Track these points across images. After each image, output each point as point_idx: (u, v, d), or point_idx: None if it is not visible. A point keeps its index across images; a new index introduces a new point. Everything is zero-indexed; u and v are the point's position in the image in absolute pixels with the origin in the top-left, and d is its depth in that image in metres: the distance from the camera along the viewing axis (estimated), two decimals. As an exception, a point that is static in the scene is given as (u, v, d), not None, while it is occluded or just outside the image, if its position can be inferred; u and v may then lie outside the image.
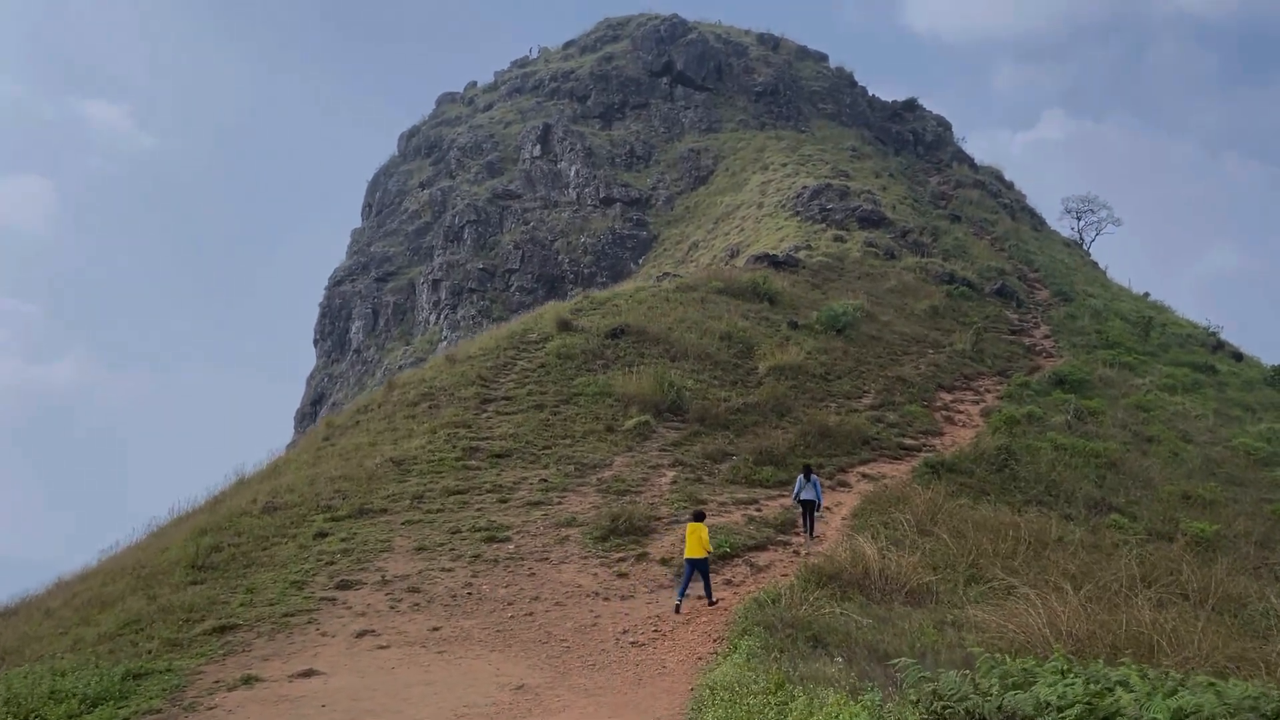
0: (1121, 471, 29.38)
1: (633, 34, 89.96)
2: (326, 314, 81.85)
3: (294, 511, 17.70)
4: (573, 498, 18.77)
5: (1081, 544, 20.03)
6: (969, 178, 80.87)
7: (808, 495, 18.11)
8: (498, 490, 18.84)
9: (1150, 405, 39.24)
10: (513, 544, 16.11)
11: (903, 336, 40.01)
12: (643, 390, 24.74)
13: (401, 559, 15.32)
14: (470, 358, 27.35)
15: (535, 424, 22.60)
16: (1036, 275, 61.74)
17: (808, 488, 18.10)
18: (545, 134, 79.18)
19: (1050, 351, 46.20)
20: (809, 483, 18.13)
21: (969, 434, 30.10)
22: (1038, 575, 16.83)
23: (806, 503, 18.15)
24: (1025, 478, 25.65)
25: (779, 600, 12.78)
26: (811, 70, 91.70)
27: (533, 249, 71.06)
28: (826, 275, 48.15)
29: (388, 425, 23.10)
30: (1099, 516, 24.89)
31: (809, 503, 18.12)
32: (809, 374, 30.20)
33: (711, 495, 19.56)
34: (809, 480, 18.18)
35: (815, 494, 18.16)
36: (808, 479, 18.19)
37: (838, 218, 60.21)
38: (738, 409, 25.61)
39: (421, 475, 19.46)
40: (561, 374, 26.00)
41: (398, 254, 79.96)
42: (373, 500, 18.10)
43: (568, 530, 16.80)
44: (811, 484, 18.15)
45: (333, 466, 20.36)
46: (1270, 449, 36.64)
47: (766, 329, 34.20)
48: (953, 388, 35.28)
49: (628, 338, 29.09)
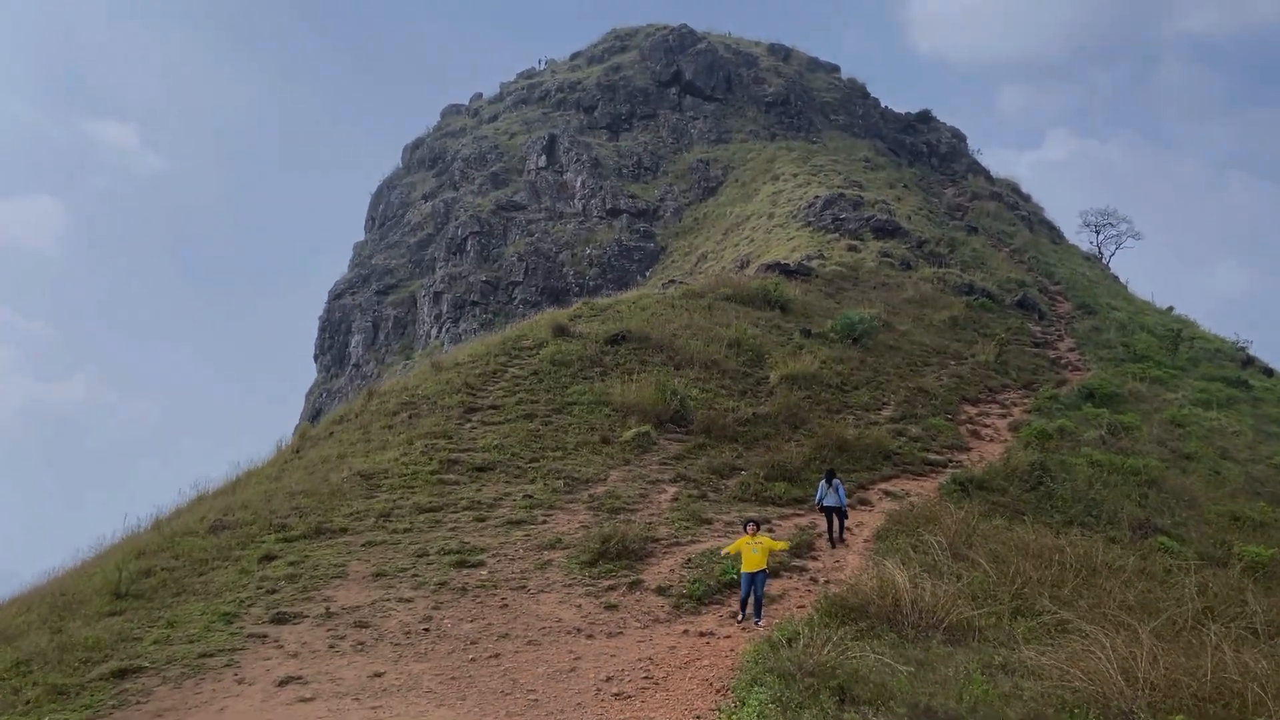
0: (1164, 490, 27.15)
1: (641, 44, 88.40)
2: (326, 328, 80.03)
3: (243, 531, 15.62)
4: (560, 516, 16.61)
5: (1132, 570, 17.83)
6: (985, 190, 78.90)
7: (830, 501, 17.11)
8: (475, 507, 16.70)
9: (1185, 421, 37.14)
10: (486, 569, 13.95)
11: (922, 347, 37.85)
12: (643, 399, 22.64)
13: (354, 587, 13.19)
14: (458, 365, 25.29)
15: (523, 435, 20.48)
16: (1058, 288, 59.93)
17: (830, 493, 17.10)
18: (551, 145, 77.48)
19: (1076, 365, 44.20)
20: (831, 487, 17.12)
21: (997, 449, 27.92)
22: (1092, 607, 14.65)
23: (830, 509, 17.16)
24: (1063, 496, 23.45)
25: (796, 640, 10.60)
26: (823, 81, 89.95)
27: (537, 261, 69.16)
28: (840, 285, 46.08)
29: (362, 436, 21.03)
30: (1144, 539, 22.72)
31: (833, 509, 17.13)
32: (824, 384, 28.05)
33: (718, 514, 17.39)
34: (831, 484, 17.16)
35: (839, 499, 17.14)
36: (829, 483, 17.17)
37: (851, 227, 58.25)
38: (747, 420, 23.47)
39: (391, 490, 17.35)
40: (555, 382, 23.91)
41: (399, 266, 78.16)
42: (333, 518, 16.00)
43: (551, 553, 14.64)
44: (834, 488, 17.11)
45: (295, 481, 18.28)
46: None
47: (778, 337, 32.08)
48: (977, 400, 33.09)
49: (628, 344, 27.00)
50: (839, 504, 17.12)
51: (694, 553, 14.97)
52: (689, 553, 15.00)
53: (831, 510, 17.12)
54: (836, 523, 17.19)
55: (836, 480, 17.35)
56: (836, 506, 17.10)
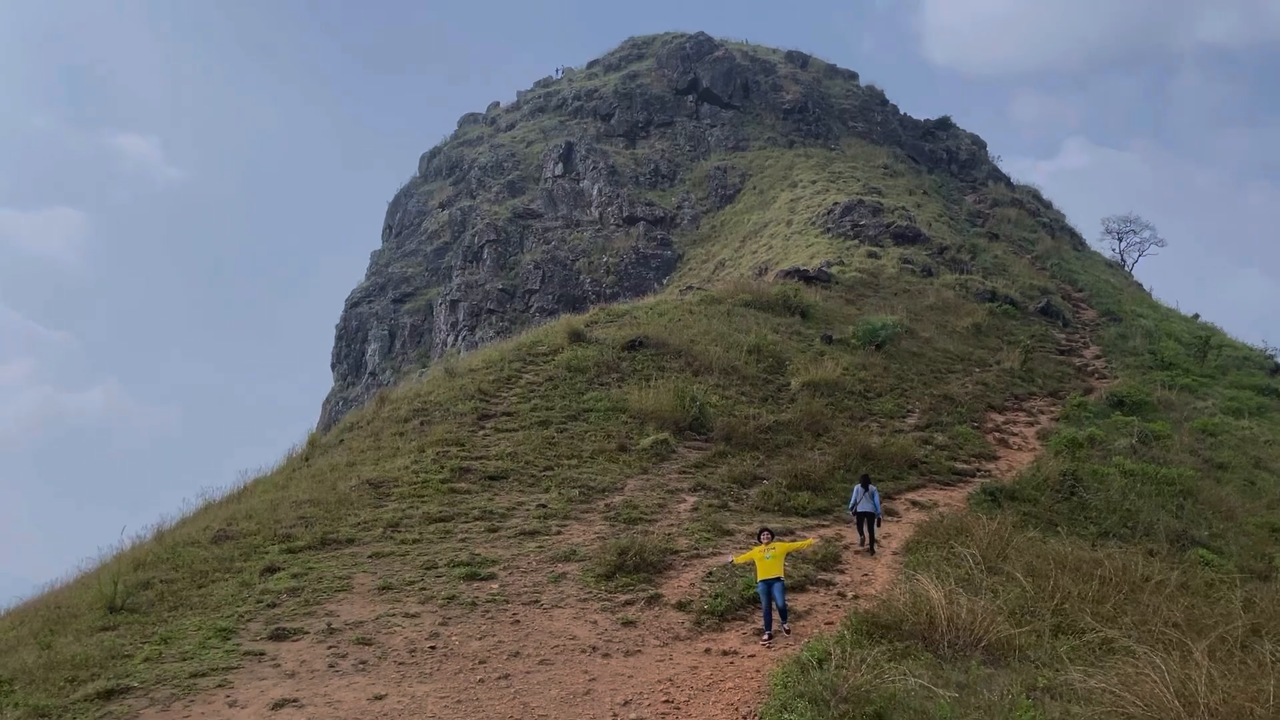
0: (1199, 501, 26.26)
1: (658, 52, 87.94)
2: (343, 336, 79.77)
3: (247, 542, 15.01)
4: (575, 527, 15.92)
5: (1174, 585, 17.01)
6: (1006, 196, 77.95)
7: (865, 506, 16.75)
8: (487, 517, 16.03)
9: (1217, 429, 36.19)
10: (497, 583, 13.26)
11: (946, 354, 37.03)
12: (661, 406, 21.96)
13: (359, 601, 12.54)
14: (471, 370, 24.68)
15: (538, 442, 19.82)
16: (1081, 295, 59.02)
17: (865, 498, 16.77)
18: (568, 152, 77.05)
19: (1103, 372, 43.27)
20: (866, 493, 16.80)
21: (1026, 458, 27.10)
22: (1136, 624, 13.87)
23: (864, 514, 16.79)
24: (1096, 507, 22.63)
25: (827, 661, 9.88)
26: (841, 88, 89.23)
27: (554, 268, 68.70)
28: (861, 291, 45.30)
29: (372, 443, 20.42)
30: (1182, 551, 21.87)
31: (867, 514, 16.76)
32: (847, 391, 27.31)
33: (739, 524, 16.66)
34: (866, 490, 16.83)
35: (873, 504, 16.78)
36: (865, 489, 16.84)
37: (871, 234, 57.49)
38: (768, 427, 22.75)
39: (401, 499, 16.71)
40: (571, 388, 23.25)
41: (416, 274, 77.86)
42: (339, 529, 15.36)
43: (565, 566, 13.94)
44: (869, 494, 16.79)
45: (301, 489, 17.67)
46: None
47: (798, 343, 31.36)
48: (1003, 408, 32.24)
49: (646, 350, 26.34)
50: (874, 510, 16.78)
51: (715, 565, 14.25)
52: (710, 565, 14.29)
53: (866, 516, 16.79)
54: (869, 529, 16.86)
55: (872, 486, 17.03)
56: (871, 512, 16.77)
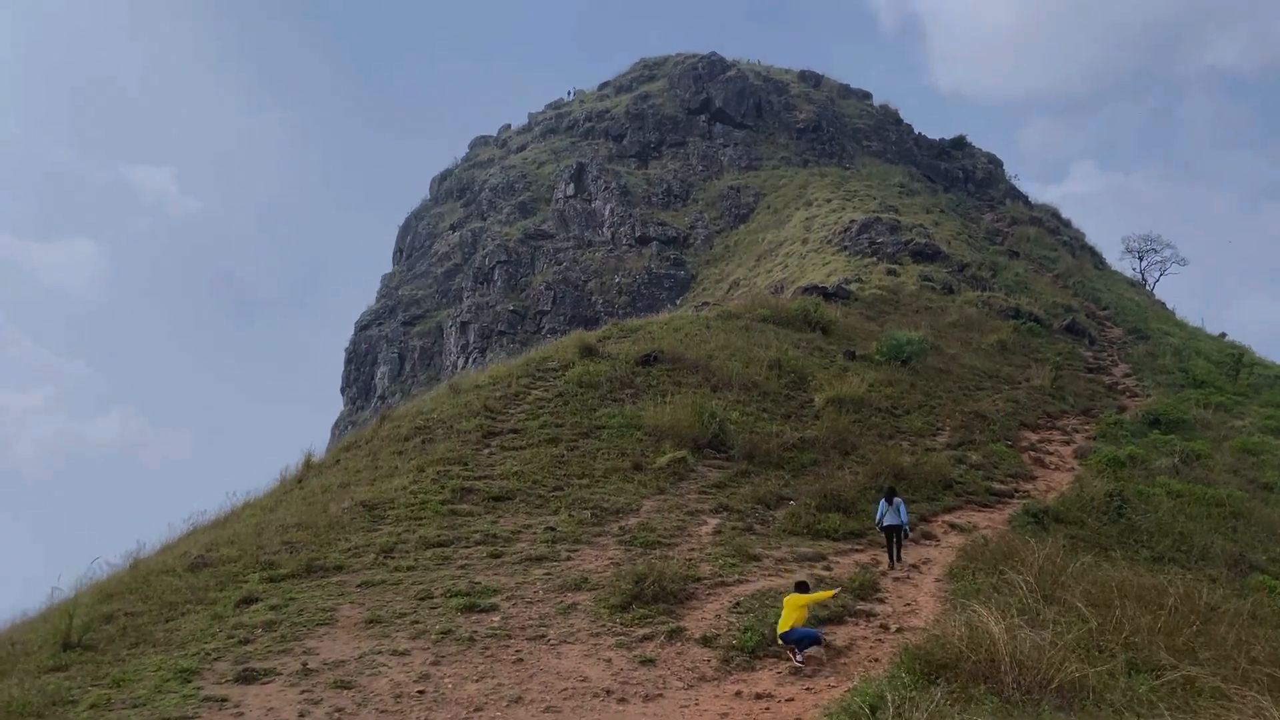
0: (1251, 523, 24.68)
1: (669, 73, 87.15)
2: (353, 359, 78.76)
3: (225, 569, 13.66)
4: (587, 552, 14.50)
5: (1247, 615, 15.47)
6: (1024, 215, 76.62)
7: (891, 520, 16.16)
8: (490, 541, 14.63)
9: (1258, 449, 34.63)
10: (499, 615, 11.84)
11: (973, 371, 35.55)
12: (678, 422, 20.56)
13: (343, 636, 11.15)
14: (477, 387, 23.35)
15: (546, 461, 18.43)
16: (1105, 313, 57.68)
17: (890, 512, 16.17)
18: (579, 173, 76.09)
19: (1134, 391, 41.80)
20: (891, 506, 16.21)
21: (1065, 478, 25.58)
22: (1218, 661, 12.33)
23: (891, 528, 16.20)
24: (1147, 529, 21.10)
25: (881, 707, 8.43)
26: (855, 108, 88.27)
27: (565, 289, 67.54)
28: (881, 308, 43.87)
29: (370, 463, 19.07)
30: (1241, 577, 20.31)
31: (894, 528, 16.17)
32: (873, 407, 25.86)
33: (766, 550, 15.21)
34: (891, 503, 16.24)
35: (900, 517, 16.18)
36: (890, 502, 16.27)
37: (889, 251, 56.16)
38: (793, 445, 21.32)
39: (396, 523, 15.34)
40: (582, 404, 21.88)
41: (426, 296, 76.87)
42: (328, 554, 14.00)
43: (576, 595, 12.52)
44: (894, 507, 16.20)
45: (290, 512, 16.33)
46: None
47: (820, 359, 29.95)
48: (1036, 427, 30.74)
49: (661, 365, 24.98)
50: (900, 523, 16.15)
51: (743, 594, 12.80)
52: (737, 594, 12.84)
53: (892, 529, 16.17)
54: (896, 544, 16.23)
55: (898, 499, 16.39)
56: (898, 525, 16.14)
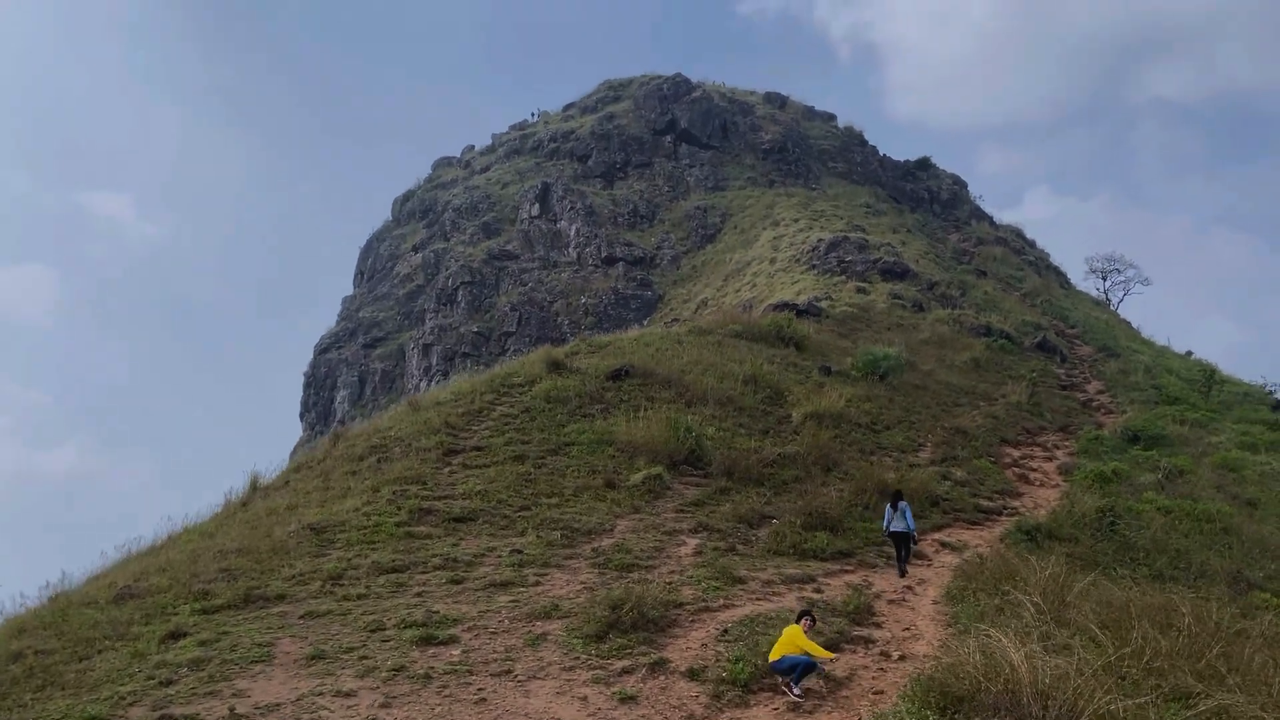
0: (1243, 539, 23.92)
1: (635, 94, 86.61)
2: (311, 383, 76.75)
3: (153, 600, 12.26)
4: (557, 576, 13.25)
5: (1264, 636, 14.53)
6: (990, 235, 76.91)
7: (898, 526, 15.60)
8: (450, 566, 13.34)
9: (1237, 465, 34.16)
10: (459, 648, 10.54)
11: (949, 387, 34.78)
12: (652, 438, 19.40)
13: (279, 675, 9.81)
14: (438, 404, 22.04)
15: (512, 479, 17.17)
16: (1074, 331, 57.76)
17: (897, 518, 15.61)
18: (544, 193, 75.05)
19: (1109, 407, 41.42)
20: (897, 511, 15.62)
21: (1051, 494, 24.72)
22: (1249, 687, 11.33)
23: (897, 535, 15.67)
24: (1143, 546, 20.23)
25: (901, 750, 7.28)
26: (820, 129, 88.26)
27: (530, 310, 66.29)
28: (853, 325, 43.12)
29: (321, 484, 17.69)
30: (1241, 595, 19.46)
31: (900, 534, 15.64)
32: (852, 423, 24.87)
33: (752, 571, 14.05)
34: (897, 509, 15.64)
35: (907, 523, 15.61)
36: (895, 507, 15.68)
37: (859, 269, 55.67)
38: (773, 461, 20.23)
39: (347, 547, 14.00)
40: (550, 420, 20.65)
41: (387, 319, 75.21)
42: (269, 582, 12.64)
43: (546, 625, 11.27)
44: (900, 512, 15.60)
45: (230, 538, 14.93)
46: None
47: (795, 375, 28.96)
48: (1017, 443, 29.96)
49: (632, 380, 23.83)
50: (908, 529, 15.59)
51: (730, 620, 11.62)
52: (723, 620, 11.65)
53: (900, 536, 15.62)
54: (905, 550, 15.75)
55: (903, 503, 15.79)
56: (905, 532, 15.59)
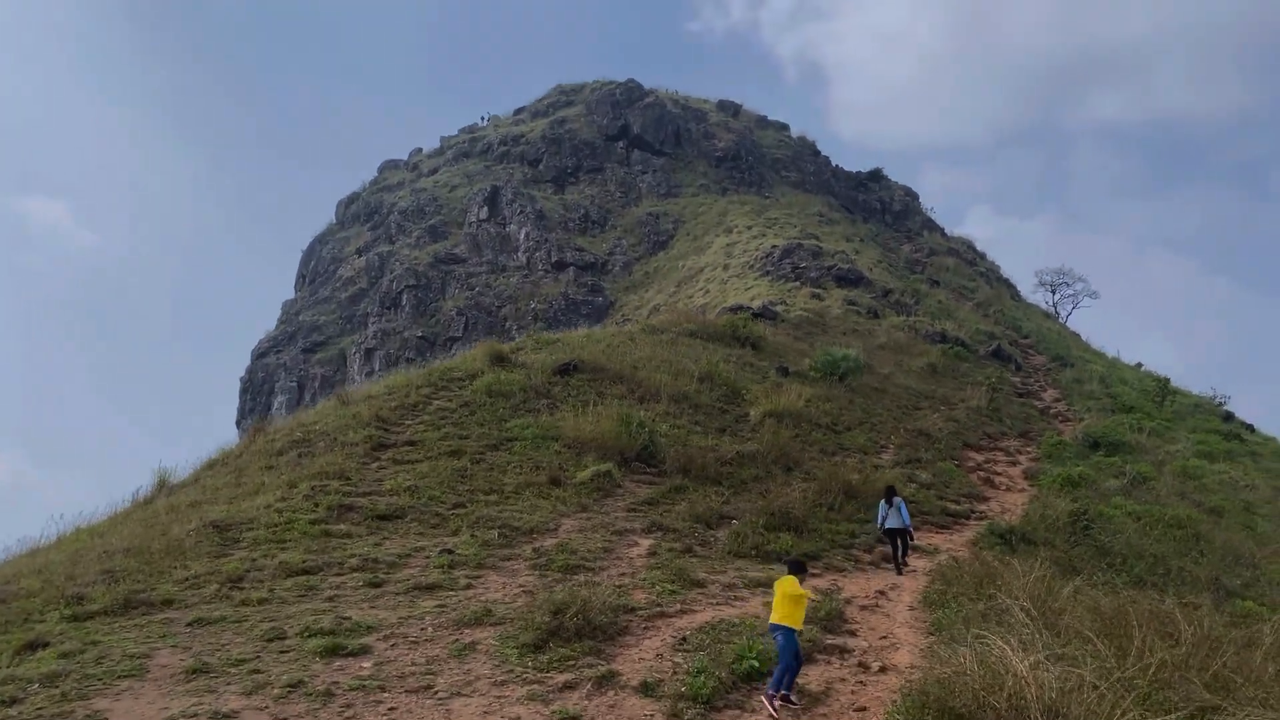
0: (1215, 546, 23.13)
1: (587, 99, 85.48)
2: (248, 389, 73.97)
3: (20, 606, 10.49)
4: (492, 578, 11.67)
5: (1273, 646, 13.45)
6: (942, 246, 77.07)
7: (894, 523, 15.14)
8: (370, 567, 11.71)
9: (1196, 473, 33.81)
10: (371, 660, 8.92)
11: (908, 391, 33.81)
12: (602, 433, 17.93)
13: (148, 694, 8.14)
14: (369, 397, 20.33)
15: (446, 475, 15.55)
16: (1027, 341, 57.83)
17: (892, 513, 15.16)
18: (493, 196, 73.36)
19: (1066, 415, 41.02)
20: (893, 507, 15.18)
21: (1018, 498, 23.71)
22: (1268, 701, 10.15)
23: (893, 531, 15.22)
24: (1119, 551, 19.23)
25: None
26: (773, 138, 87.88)
27: (477, 315, 64.50)
28: (808, 329, 42.09)
29: (233, 480, 15.92)
30: (1222, 602, 18.53)
31: (896, 531, 15.18)
32: (813, 423, 23.63)
33: (711, 574, 12.61)
34: (892, 504, 15.20)
35: (903, 519, 15.15)
36: (890, 503, 15.26)
37: (813, 276, 54.90)
38: (731, 460, 18.86)
39: (253, 546, 12.32)
40: (492, 414, 19.06)
41: (329, 323, 72.77)
42: (157, 586, 10.93)
43: (476, 632, 9.65)
44: (896, 508, 15.17)
45: (122, 536, 13.15)
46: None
47: (752, 374, 27.71)
48: (980, 447, 29.02)
49: (582, 375, 22.33)
50: (904, 524, 15.09)
51: (689, 627, 10.14)
52: (681, 628, 10.17)
53: (895, 533, 15.12)
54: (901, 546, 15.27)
55: (898, 499, 15.36)
56: (901, 528, 15.08)
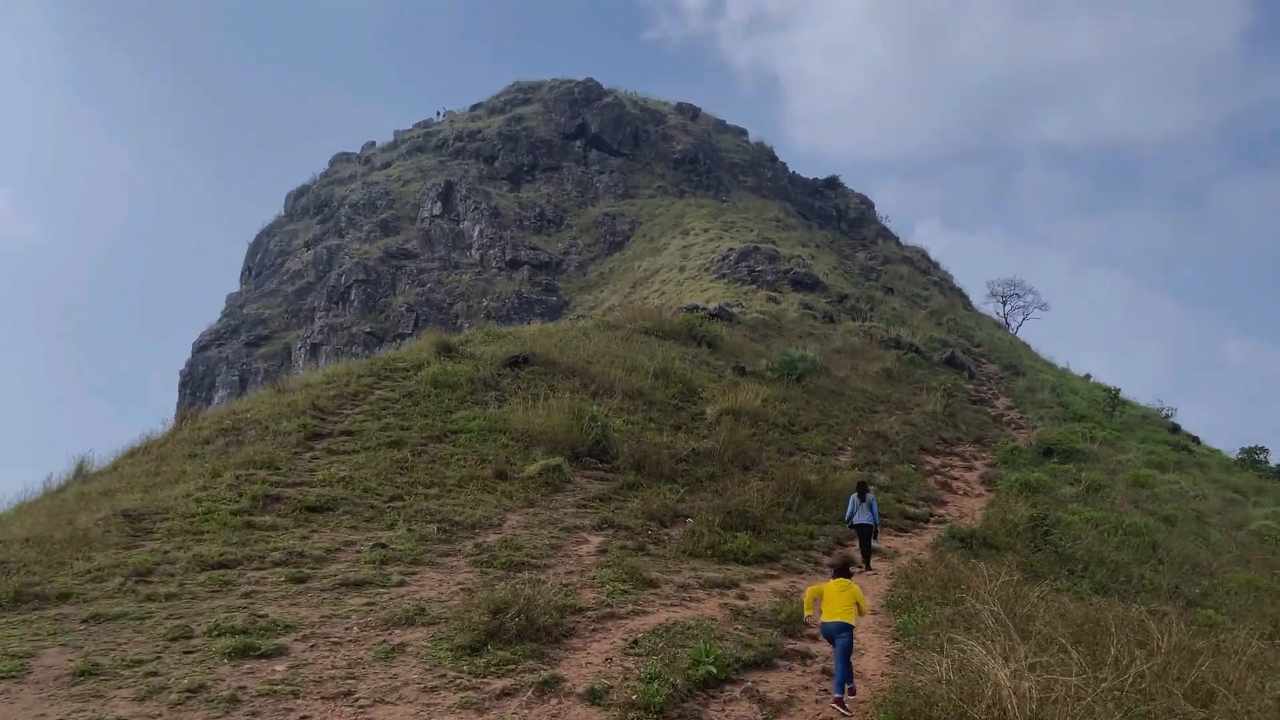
0: (1172, 555, 22.89)
1: (545, 97, 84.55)
2: (188, 383, 71.78)
3: (-105, 599, 9.38)
4: (428, 575, 10.77)
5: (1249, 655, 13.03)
6: (897, 254, 77.49)
7: (863, 518, 15.16)
8: (294, 561, 10.73)
9: (1148, 482, 33.89)
10: (285, 662, 7.90)
11: (865, 394, 33.38)
12: (553, 427, 17.07)
13: (26, 698, 7.11)
14: (307, 386, 19.26)
15: (385, 466, 14.59)
16: (980, 349, 58.03)
17: (862, 509, 15.16)
18: (447, 192, 72.10)
19: (1019, 422, 40.99)
20: (864, 503, 15.19)
21: (975, 503, 23.29)
22: (1250, 713, 9.65)
23: (861, 527, 15.21)
24: (1080, 558, 18.77)
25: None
26: (731, 143, 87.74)
27: (428, 311, 63.18)
28: (765, 331, 41.61)
29: (153, 468, 14.81)
30: (1186, 612, 18.20)
31: (864, 527, 15.18)
32: (770, 422, 22.99)
33: (665, 573, 11.82)
34: (864, 500, 15.21)
35: (872, 515, 15.22)
36: (862, 498, 15.26)
37: (769, 279, 54.57)
38: (686, 457, 18.10)
39: (167, 537, 11.29)
40: (436, 405, 18.10)
41: (274, 316, 70.91)
42: (54, 578, 9.87)
43: (406, 633, 8.74)
44: (867, 504, 15.21)
45: (24, 525, 12.03)
46: (1296, 533, 31.51)
47: (709, 373, 27.00)
48: (936, 451, 28.65)
49: (533, 368, 21.44)
50: (872, 521, 15.12)
51: (641, 629, 9.33)
52: (633, 629, 9.36)
53: (865, 528, 15.11)
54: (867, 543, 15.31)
55: (870, 495, 15.35)
56: (869, 524, 15.09)
